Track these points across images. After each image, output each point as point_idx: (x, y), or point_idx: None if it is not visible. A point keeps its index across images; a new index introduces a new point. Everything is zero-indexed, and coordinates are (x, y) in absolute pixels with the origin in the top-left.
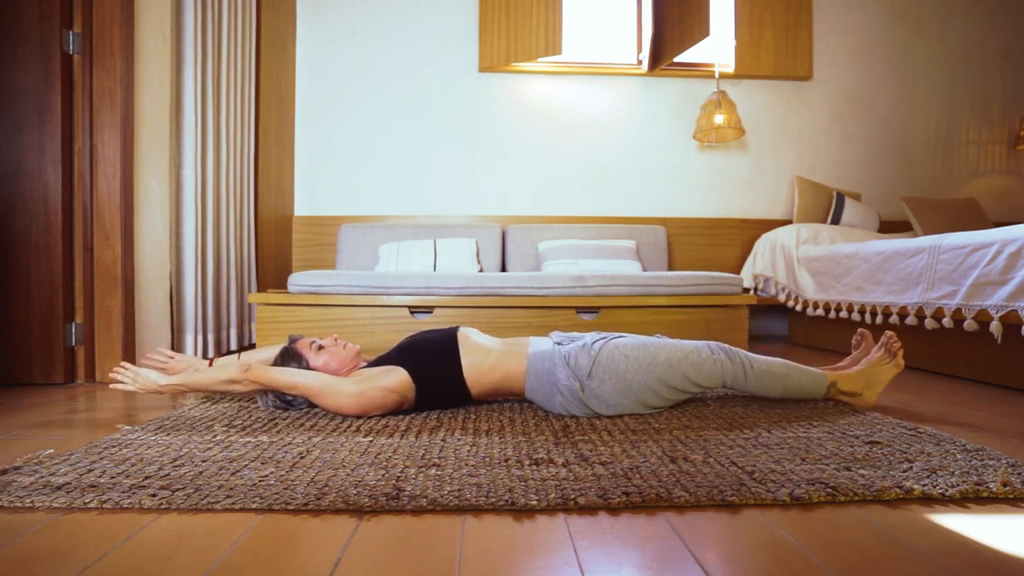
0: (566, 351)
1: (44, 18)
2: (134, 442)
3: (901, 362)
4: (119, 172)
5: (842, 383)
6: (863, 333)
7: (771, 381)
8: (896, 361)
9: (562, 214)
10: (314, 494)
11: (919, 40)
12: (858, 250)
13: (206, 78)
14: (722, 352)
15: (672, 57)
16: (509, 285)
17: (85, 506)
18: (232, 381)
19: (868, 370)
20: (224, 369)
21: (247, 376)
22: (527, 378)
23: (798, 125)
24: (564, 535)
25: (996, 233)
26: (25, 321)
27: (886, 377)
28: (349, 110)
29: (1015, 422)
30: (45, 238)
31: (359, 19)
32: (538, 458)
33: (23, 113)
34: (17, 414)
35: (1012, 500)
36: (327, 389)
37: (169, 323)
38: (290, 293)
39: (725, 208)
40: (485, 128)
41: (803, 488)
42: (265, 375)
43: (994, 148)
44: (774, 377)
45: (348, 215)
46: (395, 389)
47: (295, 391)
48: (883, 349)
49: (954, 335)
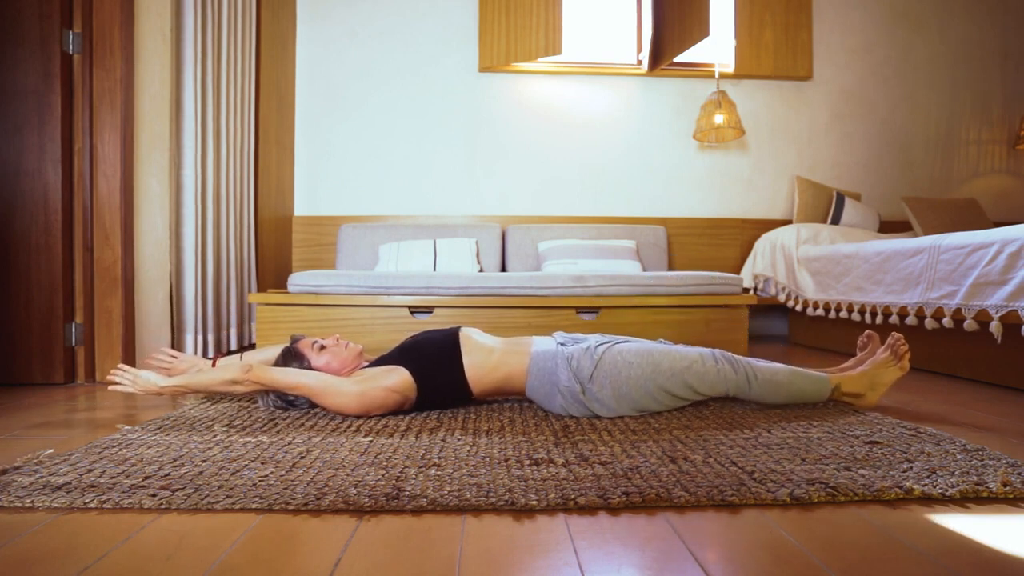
0: (569, 352)
1: (44, 18)
2: (134, 442)
3: (907, 365)
4: (119, 172)
5: (846, 385)
6: (871, 335)
7: (775, 389)
8: (902, 364)
9: (562, 214)
10: (314, 494)
11: (919, 40)
12: (858, 250)
13: (206, 78)
14: (726, 362)
15: (672, 57)
16: (509, 285)
17: (85, 506)
18: (233, 382)
19: (872, 371)
20: (225, 370)
21: (248, 377)
22: (529, 376)
23: (798, 125)
24: (564, 535)
25: (996, 233)
26: (25, 321)
27: (890, 379)
28: (349, 110)
29: (1015, 422)
30: (45, 238)
31: (359, 19)
32: (538, 458)
33: (23, 113)
34: (17, 414)
35: (1012, 500)
36: (328, 389)
37: (169, 323)
38: (290, 293)
39: (725, 208)
40: (485, 128)
41: (803, 488)
42: (266, 375)
43: (994, 148)
44: (778, 386)
45: (348, 215)
46: (396, 389)
47: (296, 391)
48: (890, 351)
49: (954, 335)
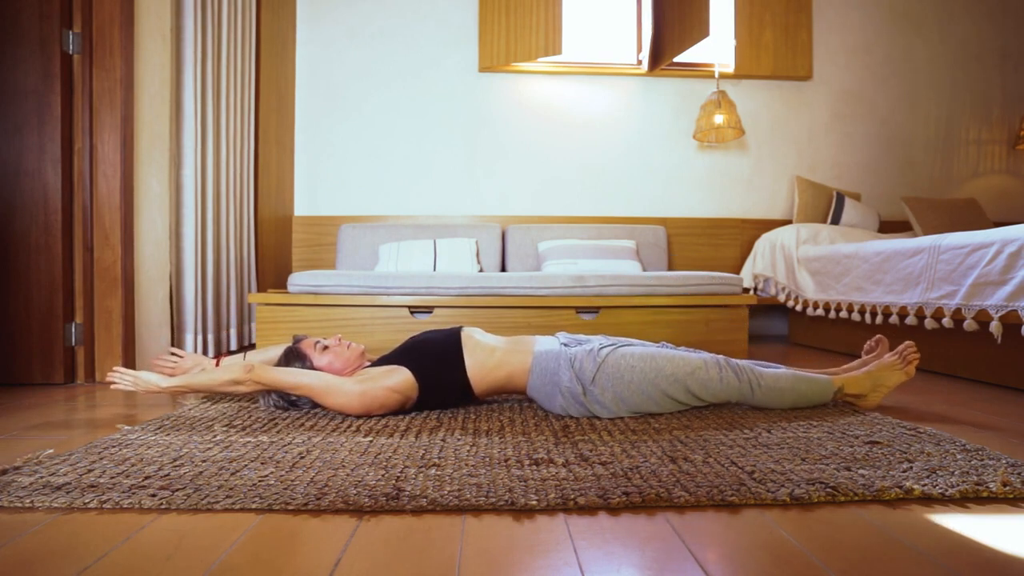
0: (572, 353)
1: (44, 18)
2: (134, 442)
3: (912, 371)
4: (119, 172)
5: (849, 386)
6: (880, 339)
7: (778, 396)
8: (907, 369)
9: (562, 214)
10: (314, 494)
11: (919, 40)
12: (858, 250)
13: (206, 78)
14: (730, 369)
15: (672, 57)
16: (509, 285)
17: (85, 506)
18: (235, 382)
19: (877, 373)
20: (227, 370)
21: (250, 377)
22: (531, 375)
23: (798, 125)
24: (564, 535)
25: (996, 233)
26: (25, 321)
27: (893, 382)
28: (349, 110)
29: (1015, 422)
30: (45, 238)
31: (359, 19)
32: (538, 458)
33: (23, 113)
34: (17, 414)
35: (1012, 500)
36: (331, 389)
37: (169, 323)
38: (290, 293)
39: (725, 208)
40: (485, 128)
41: (803, 488)
42: (268, 375)
43: (994, 148)
44: (781, 392)
45: (348, 215)
46: (398, 389)
47: (298, 391)
48: (899, 356)
49: (954, 335)
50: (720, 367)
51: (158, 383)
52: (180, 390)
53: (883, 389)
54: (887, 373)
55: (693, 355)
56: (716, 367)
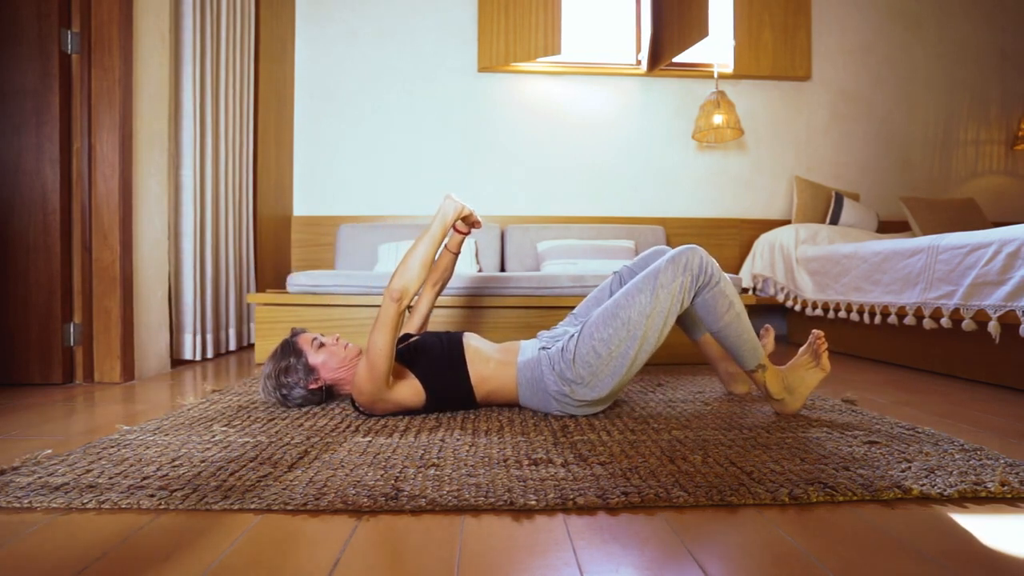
0: (550, 356)
1: (42, 17)
2: (132, 442)
3: (827, 365)
4: (117, 172)
5: (769, 375)
6: (767, 329)
7: (724, 306)
8: (821, 364)
9: (561, 214)
10: (312, 494)
11: (917, 41)
12: (856, 250)
13: (205, 78)
14: (688, 275)
15: (671, 57)
16: (508, 285)
17: (83, 506)
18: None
19: (790, 374)
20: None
21: (395, 297)
22: (519, 389)
23: (797, 125)
24: (563, 535)
25: (994, 233)
26: (23, 321)
27: (811, 382)
28: (348, 110)
29: (1013, 422)
30: (43, 238)
31: (359, 19)
32: (537, 458)
33: (21, 113)
34: (15, 414)
35: (1010, 500)
36: (367, 370)
37: (168, 323)
38: (289, 293)
39: (724, 208)
40: (484, 128)
41: (802, 488)
42: (391, 306)
43: (992, 148)
44: (730, 306)
45: (347, 215)
46: (405, 405)
47: (376, 330)
48: (809, 352)
49: (952, 335)
50: (681, 273)
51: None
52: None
53: (803, 390)
54: (801, 374)
55: (647, 276)
56: (676, 281)
